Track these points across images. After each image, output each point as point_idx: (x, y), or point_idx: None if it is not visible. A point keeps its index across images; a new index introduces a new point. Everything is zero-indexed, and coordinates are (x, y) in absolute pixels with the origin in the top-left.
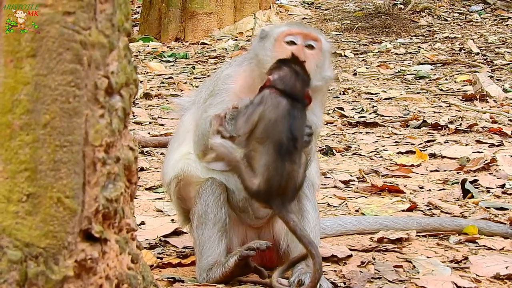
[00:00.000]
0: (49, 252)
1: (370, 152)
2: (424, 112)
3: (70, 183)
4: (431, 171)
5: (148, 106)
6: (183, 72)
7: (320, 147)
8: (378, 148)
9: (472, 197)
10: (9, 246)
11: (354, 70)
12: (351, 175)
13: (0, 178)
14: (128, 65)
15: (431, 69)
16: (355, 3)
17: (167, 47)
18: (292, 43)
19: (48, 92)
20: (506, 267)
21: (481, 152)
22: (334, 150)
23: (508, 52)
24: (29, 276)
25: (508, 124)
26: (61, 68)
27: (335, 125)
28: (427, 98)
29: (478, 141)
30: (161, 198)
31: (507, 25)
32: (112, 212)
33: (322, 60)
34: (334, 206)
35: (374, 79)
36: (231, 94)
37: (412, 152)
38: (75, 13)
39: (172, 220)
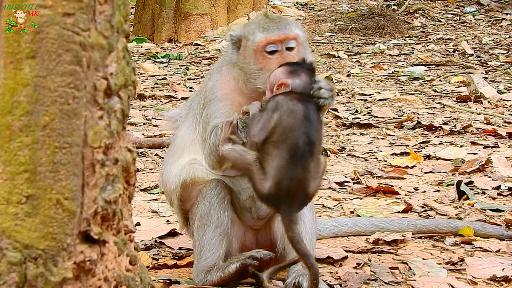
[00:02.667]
0: (48, 253)
1: (365, 154)
2: (419, 114)
3: (69, 184)
4: (426, 173)
5: (142, 107)
6: (177, 73)
7: None
8: (372, 150)
9: (468, 198)
10: (9, 248)
11: (348, 71)
12: (345, 177)
13: (0, 179)
14: (127, 67)
15: (425, 70)
16: (348, 4)
17: (161, 48)
18: (273, 51)
19: (48, 93)
20: (503, 269)
21: (476, 153)
22: (328, 152)
23: (502, 53)
24: (29, 277)
25: (502, 125)
26: (61, 69)
27: (329, 126)
28: (421, 99)
29: (473, 143)
30: (156, 199)
31: (501, 26)
32: (111, 213)
33: (303, 52)
34: (329, 208)
35: (368, 80)
36: (224, 99)
37: (407, 154)
38: (75, 14)
39: (168, 221)
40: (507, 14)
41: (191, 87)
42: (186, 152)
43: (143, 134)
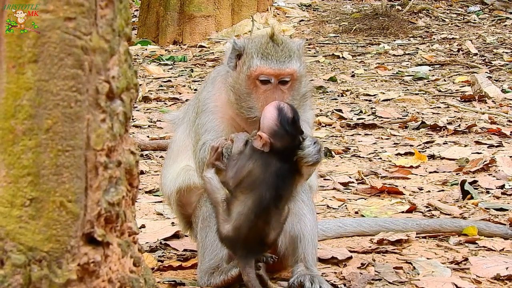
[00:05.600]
0: (52, 256)
1: (369, 154)
2: (423, 113)
3: (72, 187)
4: (430, 172)
5: (147, 109)
6: (182, 75)
7: None
8: (377, 150)
9: (472, 198)
10: (13, 250)
11: (352, 72)
12: (350, 177)
13: (4, 183)
14: (129, 70)
15: (430, 70)
16: (352, 4)
17: (165, 50)
18: (266, 81)
19: (50, 97)
20: (506, 268)
21: (480, 153)
22: (333, 152)
23: (506, 53)
24: (33, 279)
25: (507, 124)
26: (63, 73)
27: (334, 127)
28: (425, 99)
29: (477, 142)
30: (161, 201)
31: (505, 25)
32: (114, 215)
33: (298, 85)
34: (333, 208)
35: (372, 81)
36: (215, 112)
37: (411, 154)
38: (76, 18)
39: (173, 223)
40: (511, 13)
41: (195, 89)
42: (180, 158)
43: (148, 136)
